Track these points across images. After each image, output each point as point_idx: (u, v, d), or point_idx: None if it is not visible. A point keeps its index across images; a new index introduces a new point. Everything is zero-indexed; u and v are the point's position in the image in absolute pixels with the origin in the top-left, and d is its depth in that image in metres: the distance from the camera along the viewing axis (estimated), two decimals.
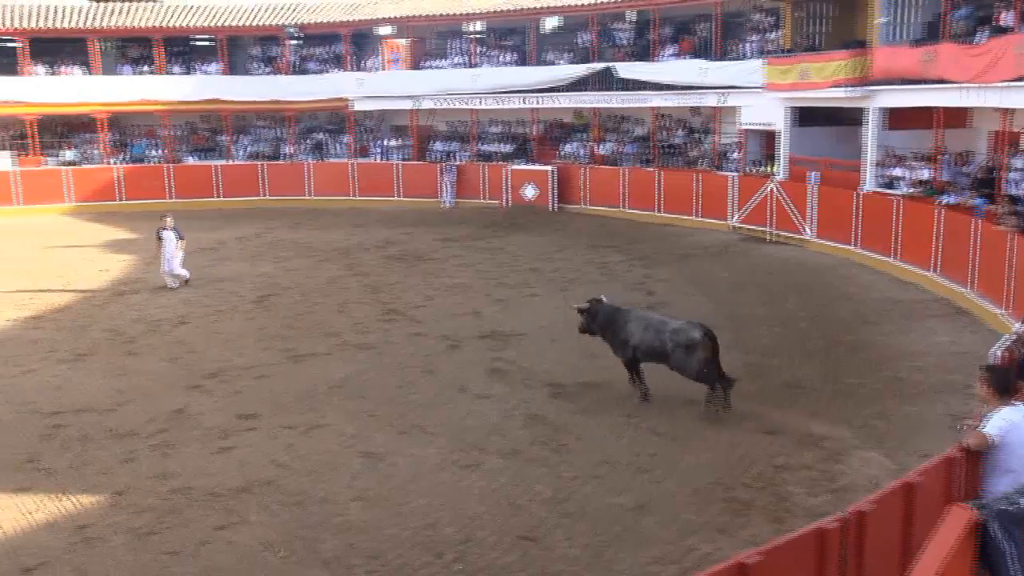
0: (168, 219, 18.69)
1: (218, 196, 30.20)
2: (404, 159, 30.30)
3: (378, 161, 30.64)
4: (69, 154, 30.23)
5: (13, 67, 29.26)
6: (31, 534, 8.11)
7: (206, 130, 32.19)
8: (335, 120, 32.00)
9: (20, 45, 29.13)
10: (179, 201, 29.71)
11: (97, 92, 29.65)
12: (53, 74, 29.90)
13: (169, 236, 18.27)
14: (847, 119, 21.26)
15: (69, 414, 11.15)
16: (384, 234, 24.66)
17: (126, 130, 31.48)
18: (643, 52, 26.33)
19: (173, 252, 18.20)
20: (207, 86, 30.61)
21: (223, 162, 30.77)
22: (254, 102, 30.88)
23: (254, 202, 30.03)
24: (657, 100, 25.63)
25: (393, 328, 15.07)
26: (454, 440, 10.18)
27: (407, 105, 29.78)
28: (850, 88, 19.76)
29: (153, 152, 30.97)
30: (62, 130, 30.89)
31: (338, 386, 12.14)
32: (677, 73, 24.94)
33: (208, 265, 20.68)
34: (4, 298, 17.63)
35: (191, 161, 30.92)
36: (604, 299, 11.89)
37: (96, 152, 30.38)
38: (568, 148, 28.22)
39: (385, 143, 31.03)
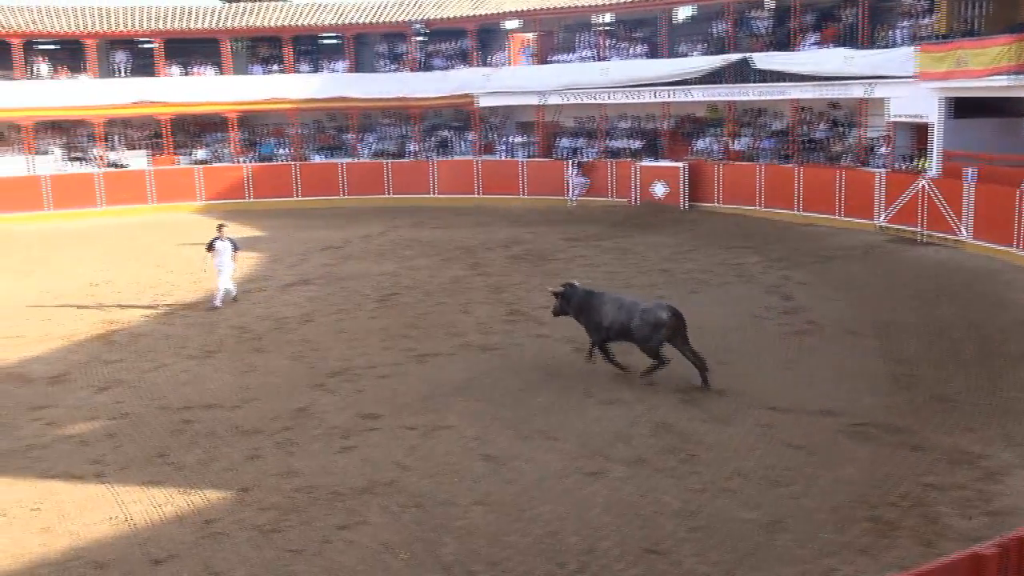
0: (225, 227, 17.76)
1: (343, 194, 31.10)
2: (529, 156, 30.47)
3: (503, 158, 30.90)
4: (200, 153, 31.70)
5: (150, 68, 30.91)
6: (161, 527, 8.53)
7: (332, 128, 33.19)
8: (460, 117, 32.47)
9: (156, 46, 30.74)
10: (305, 200, 30.78)
11: (228, 91, 30.99)
12: (187, 74, 31.42)
13: (224, 247, 17.28)
14: (1010, 110, 20.17)
15: (198, 409, 11.67)
16: (508, 233, 24.85)
17: (255, 129, 32.78)
18: (783, 41, 25.68)
19: (226, 265, 17.20)
20: (334, 84, 31.57)
21: (348, 160, 31.66)
22: (380, 99, 31.66)
23: (378, 200, 30.78)
24: (797, 92, 24.96)
25: (516, 329, 15.16)
26: (578, 446, 10.16)
27: (533, 101, 29.94)
28: (1014, 76, 18.73)
29: (281, 151, 32.14)
30: (194, 129, 32.43)
31: (461, 388, 12.29)
32: (819, 63, 24.22)
33: (332, 264, 21.32)
34: (139, 294, 18.62)
35: (317, 160, 31.94)
36: (577, 283, 13.00)
37: (226, 151, 31.74)
38: (701, 144, 27.79)
39: (510, 140, 31.28)
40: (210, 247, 17.37)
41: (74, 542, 8.25)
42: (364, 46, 32.73)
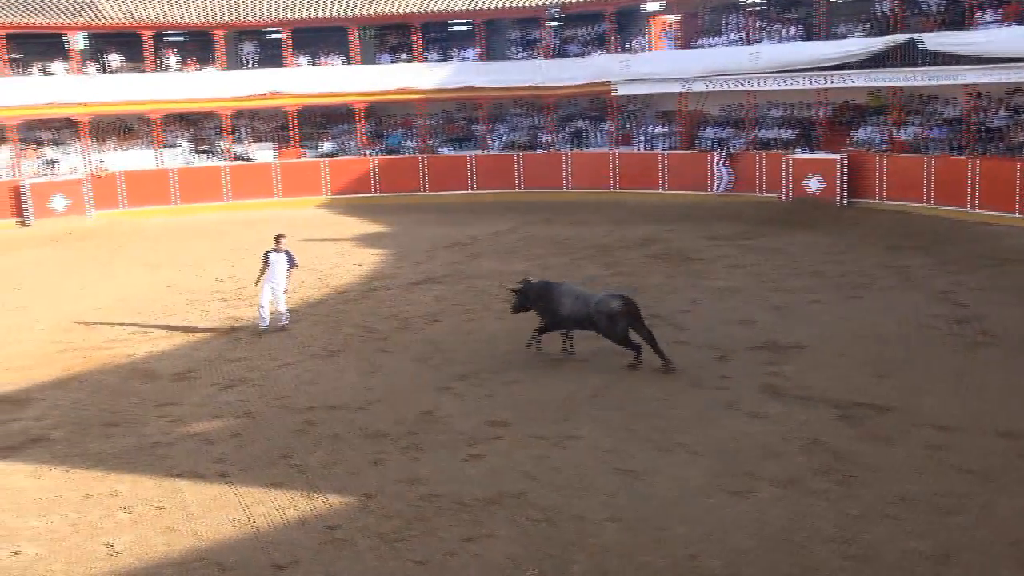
0: (284, 239, 16.17)
1: (471, 188, 31.49)
2: (670, 148, 30.14)
3: (641, 150, 30.66)
4: (327, 146, 32.65)
5: (278, 59, 32.04)
6: (283, 531, 8.79)
7: (462, 119, 33.65)
8: (596, 106, 32.40)
9: (284, 36, 31.82)
10: (432, 194, 31.32)
11: (355, 82, 31.81)
12: (314, 64, 32.40)
13: (279, 261, 15.87)
14: None
15: (321, 410, 11.99)
16: (646, 230, 24.63)
17: (382, 120, 33.56)
18: (956, 20, 24.56)
19: (279, 282, 15.88)
20: (464, 73, 31.99)
21: (478, 153, 32.02)
22: (511, 88, 31.91)
23: (509, 195, 31.01)
24: (973, 76, 23.81)
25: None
26: (721, 462, 9.97)
27: (675, 88, 29.58)
28: None
29: (408, 143, 32.79)
30: (321, 121, 33.43)
31: (594, 395, 12.24)
32: (1000, 43, 23.05)
33: (460, 262, 21.59)
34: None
35: (446, 152, 32.44)
36: (531, 279, 14.21)
37: (353, 143, 32.59)
38: (861, 133, 26.89)
39: (650, 130, 31.01)
40: (264, 260, 15.93)
41: (197, 543, 8.59)
42: (495, 32, 33.05)
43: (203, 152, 32.35)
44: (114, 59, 31.59)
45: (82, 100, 30.11)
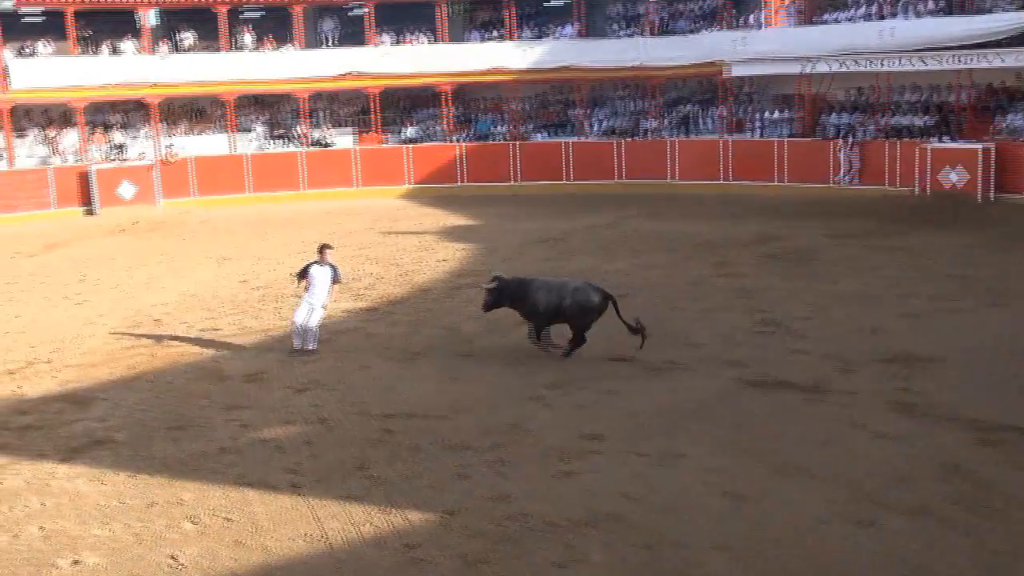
0: (330, 250, 15.40)
1: (567, 179, 31.48)
2: (789, 135, 29.66)
3: (756, 138, 30.27)
4: (410, 131, 32.99)
5: (360, 36, 32.49)
6: (358, 549, 8.87)
7: (557, 102, 33.66)
8: (706, 89, 32.08)
9: (366, 12, 32.24)
10: (524, 184, 31.39)
11: (443, 61, 32.06)
12: (398, 43, 32.75)
13: (322, 275, 15.05)
14: None
15: (401, 418, 12.09)
16: (761, 226, 24.31)
17: (471, 104, 33.77)
18: None
19: (318, 298, 15.00)
20: (560, 52, 32.00)
21: (574, 139, 32.00)
22: (612, 69, 31.80)
23: (607, 186, 30.93)
24: None
25: (769, 343, 14.80)
26: (844, 488, 9.74)
27: (795, 69, 29.07)
28: None
29: (498, 128, 32.93)
30: (405, 104, 33.78)
31: (700, 409, 12.09)
32: None
33: (553, 259, 21.57)
34: (341, 287, 19.52)
35: (539, 138, 32.49)
36: (503, 275, 14.79)
37: (438, 129, 32.88)
38: (1010, 120, 26.07)
39: (766, 116, 30.59)
40: (303, 274, 15.20)
41: (267, 558, 8.73)
42: (595, 8, 32.98)
43: (279, 137, 33.00)
44: (187, 37, 32.45)
45: (153, 81, 30.99)
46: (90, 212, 29.81)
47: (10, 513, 9.70)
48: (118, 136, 31.92)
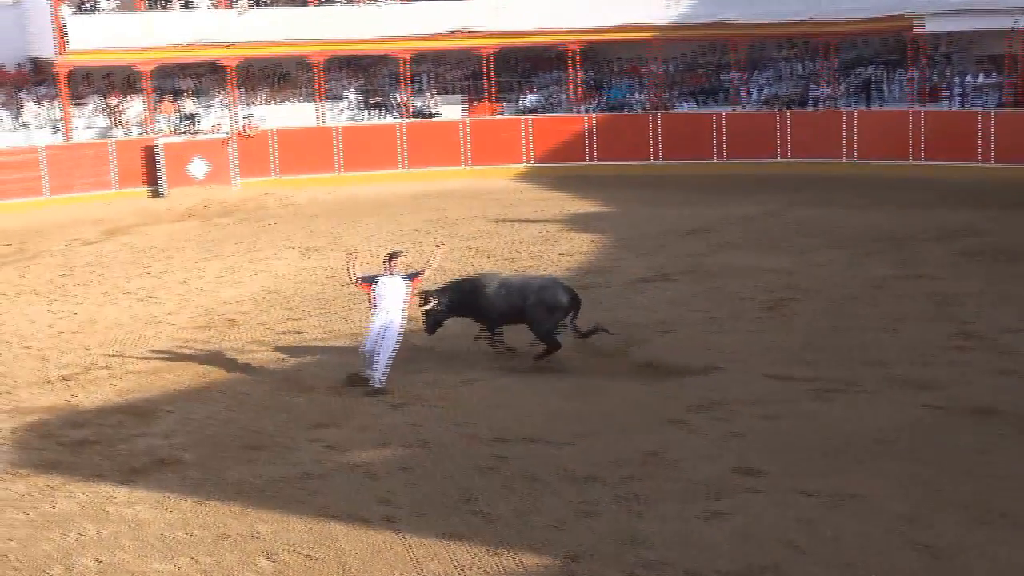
0: (401, 256, 14.65)
1: (718, 157, 31.23)
2: (996, 105, 28.89)
3: (955, 108, 29.57)
4: (530, 99, 33.07)
5: None
6: None
7: (707, 65, 33.38)
8: (893, 48, 31.46)
9: None
10: (666, 163, 31.21)
11: (569, 16, 32.05)
12: None
13: (393, 289, 14.16)
14: None
15: (515, 443, 12.09)
16: (959, 217, 23.86)
17: (602, 66, 33.70)
18: None
19: (394, 313, 14.17)
20: (711, 3, 31.67)
21: (728, 110, 31.69)
22: (776, 24, 31.43)
23: (768, 166, 30.58)
24: None
25: (970, 360, 14.47)
26: None
27: (1006, 23, 28.30)
28: None
29: (635, 96, 32.80)
30: (524, 67, 33.87)
31: (882, 441, 11.84)
32: None
33: (701, 254, 21.41)
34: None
35: (684, 108, 32.28)
36: (432, 291, 15.15)
37: (563, 97, 32.90)
38: None
39: (967, 81, 29.89)
40: (367, 281, 14.41)
41: None
42: None
43: (375, 107, 33.42)
44: None
45: (229, 40, 31.59)
46: (156, 193, 30.57)
47: (62, 541, 9.98)
48: (189, 105, 32.63)
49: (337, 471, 11.51)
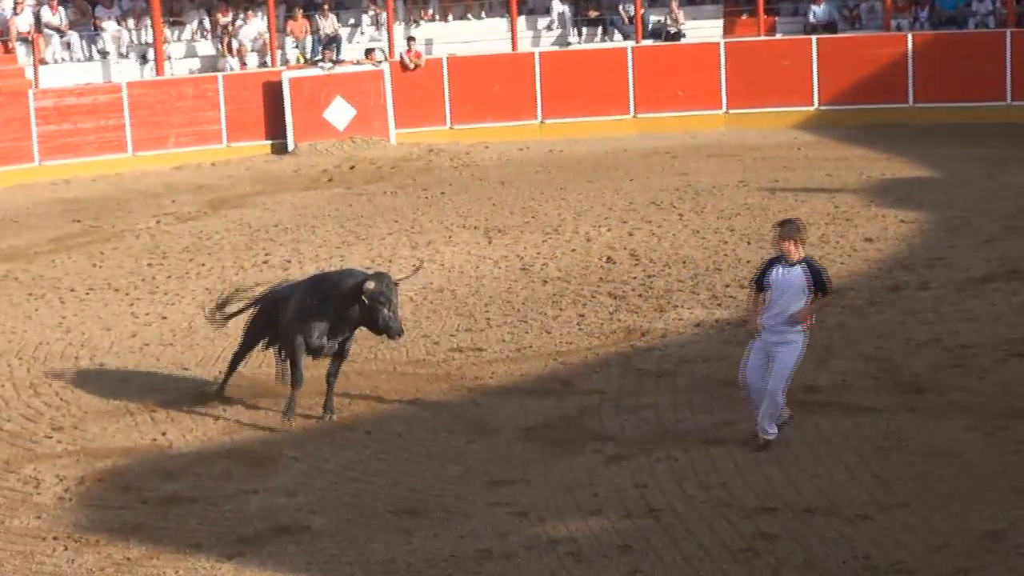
0: (801, 234, 13.67)
1: None
2: None
3: None
4: (820, 10, 32.63)
5: None
6: None
7: None
8: None
9: None
10: None
11: None
12: None
13: (790, 284, 13.45)
14: None
15: (785, 515, 11.98)
16: None
17: None
18: None
19: (790, 327, 13.49)
20: None
21: None
22: None
23: None
24: None
25: None
26: None
27: None
28: None
29: (980, 5, 32.10)
30: None
31: None
32: None
33: None
34: (683, 280, 19.67)
35: None
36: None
37: (871, 5, 32.42)
38: None
39: None
40: (760, 282, 13.82)
41: None
42: None
43: (592, 23, 33.36)
44: None
45: None
46: (280, 149, 30.84)
47: None
48: (328, 24, 32.70)
49: (528, 547, 11.58)
